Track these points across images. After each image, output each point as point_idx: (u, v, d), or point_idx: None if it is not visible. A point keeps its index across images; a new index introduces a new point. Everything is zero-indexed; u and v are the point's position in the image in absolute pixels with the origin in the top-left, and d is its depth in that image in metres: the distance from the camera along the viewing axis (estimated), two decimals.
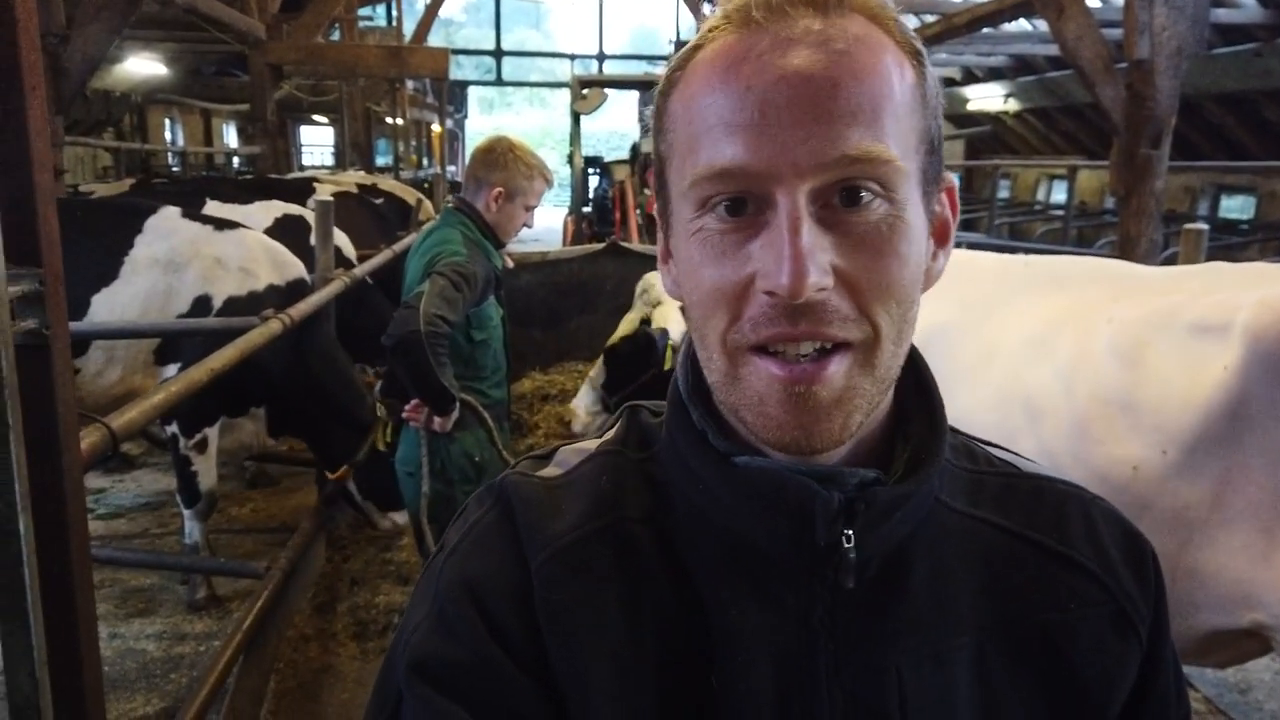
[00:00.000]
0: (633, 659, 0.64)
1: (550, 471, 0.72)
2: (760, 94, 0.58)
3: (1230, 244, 9.85)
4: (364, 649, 3.65)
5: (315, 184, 6.47)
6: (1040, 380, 2.17)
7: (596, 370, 3.19)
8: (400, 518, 4.07)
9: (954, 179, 0.69)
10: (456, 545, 0.69)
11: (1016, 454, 0.76)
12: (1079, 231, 11.82)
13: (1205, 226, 3.45)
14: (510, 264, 3.03)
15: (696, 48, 0.64)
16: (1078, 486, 0.73)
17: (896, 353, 0.62)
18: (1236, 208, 12.45)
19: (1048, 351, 2.20)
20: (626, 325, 3.12)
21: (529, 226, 2.98)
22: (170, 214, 3.93)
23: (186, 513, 3.87)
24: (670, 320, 2.95)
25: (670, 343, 2.95)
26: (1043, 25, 10.02)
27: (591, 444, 0.75)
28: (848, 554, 0.62)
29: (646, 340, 2.96)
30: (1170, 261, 7.66)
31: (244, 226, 4.05)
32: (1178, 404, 1.97)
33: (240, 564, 3.74)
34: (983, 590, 0.67)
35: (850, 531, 0.62)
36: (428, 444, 2.74)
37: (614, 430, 0.76)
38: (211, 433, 3.80)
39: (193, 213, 4.07)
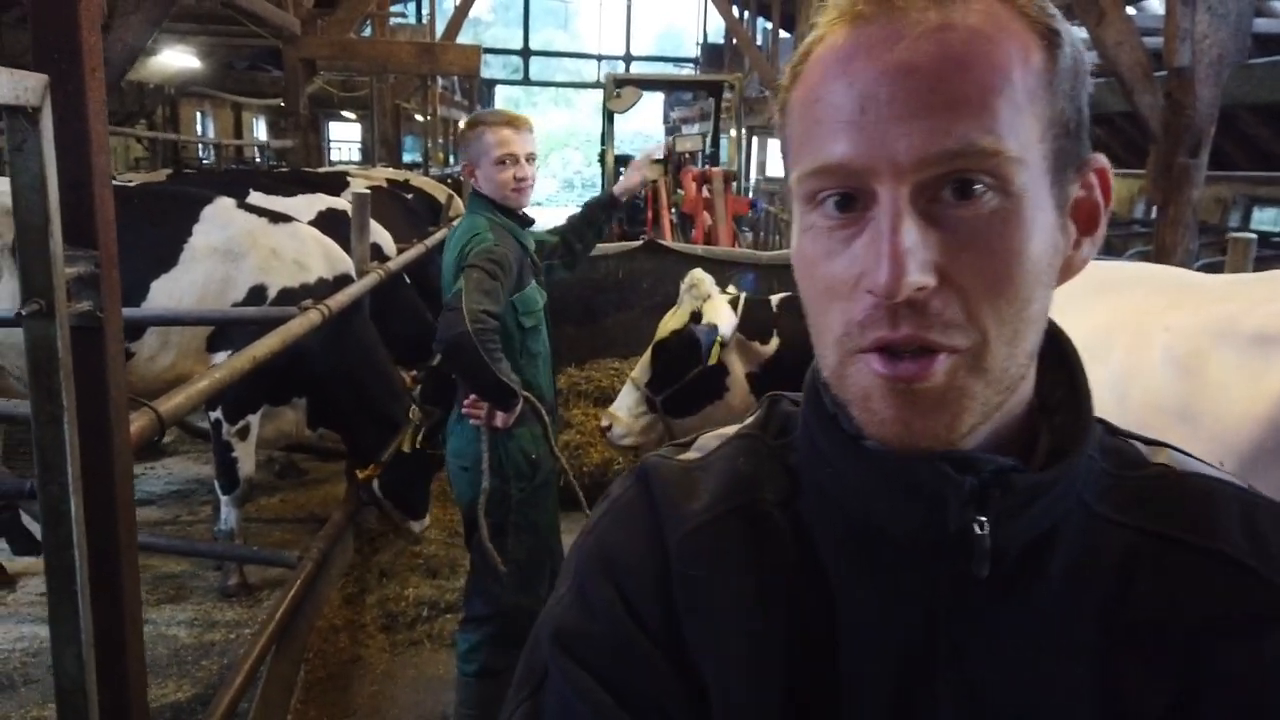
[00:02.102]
0: (764, 638, 0.64)
1: (689, 455, 0.74)
2: (862, 88, 0.58)
3: (1262, 256, 9.70)
4: (393, 641, 3.66)
5: (349, 178, 6.51)
6: (1094, 387, 2.14)
7: (640, 370, 3.15)
8: (416, 526, 4.06)
9: (1104, 159, 0.65)
10: (596, 524, 0.72)
11: (1175, 448, 0.71)
12: (1108, 240, 11.71)
13: (1253, 236, 3.40)
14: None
15: (815, 42, 0.63)
16: (1232, 481, 0.68)
17: (1012, 354, 0.59)
18: (1269, 220, 12.27)
19: (1101, 358, 2.16)
20: (675, 320, 3.07)
21: (523, 179, 2.74)
22: (227, 204, 4.00)
23: (224, 499, 3.91)
24: (720, 315, 2.91)
25: (719, 338, 2.90)
26: (1077, 31, 9.90)
27: (730, 429, 0.76)
28: (981, 541, 0.60)
29: (690, 338, 2.92)
30: (1205, 271, 7.55)
31: (296, 220, 4.11)
32: (1237, 415, 1.93)
33: (274, 553, 3.75)
34: (1120, 594, 0.64)
35: (984, 518, 0.60)
36: (488, 439, 2.71)
37: (754, 416, 0.76)
38: (254, 420, 3.84)
39: (247, 204, 4.14)
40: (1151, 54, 5.83)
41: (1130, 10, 6.21)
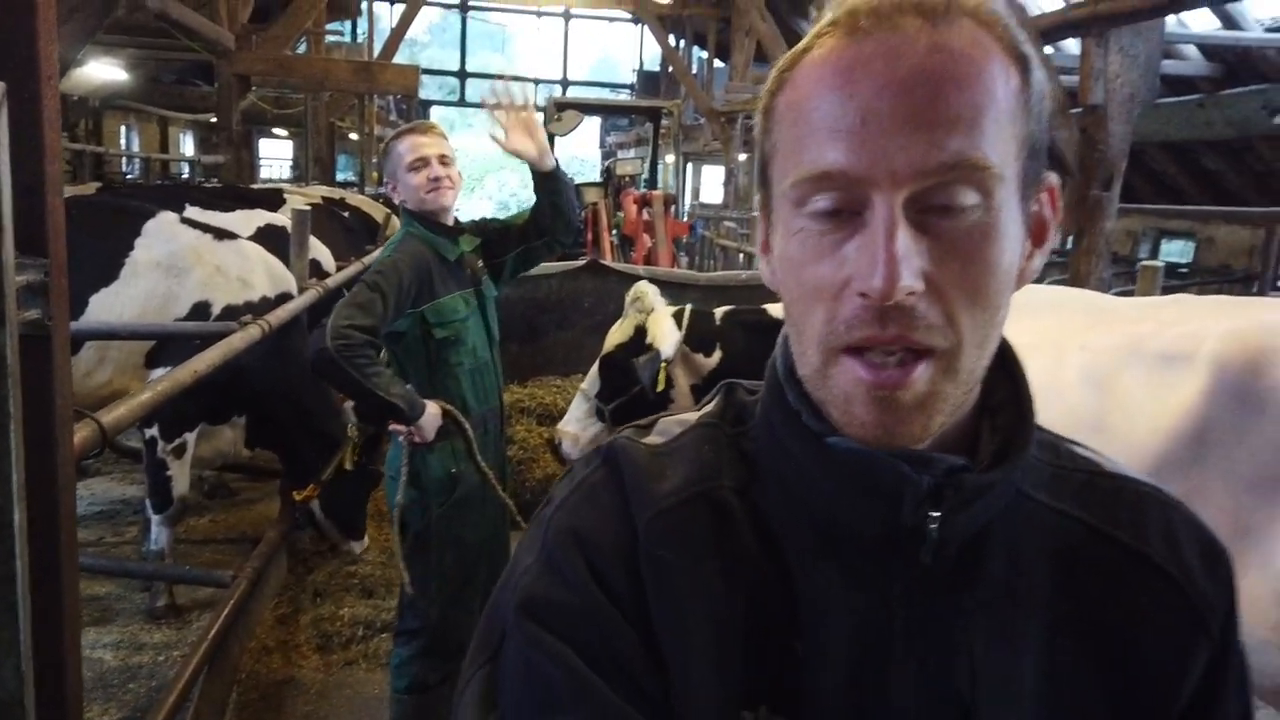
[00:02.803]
0: (726, 621, 0.67)
1: (654, 439, 0.76)
2: (863, 101, 0.61)
3: (1170, 286, 10.20)
4: (327, 661, 3.61)
5: (285, 195, 6.44)
6: None
7: (589, 382, 3.19)
8: (356, 546, 4.06)
9: (1055, 178, 0.70)
10: (565, 499, 0.73)
11: (1099, 453, 0.78)
12: None
13: (1160, 264, 3.61)
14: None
15: (805, 50, 0.66)
16: (1158, 489, 0.74)
17: (980, 357, 0.65)
18: (1176, 251, 12.89)
19: None
20: (620, 333, 3.12)
21: (436, 178, 2.71)
22: (169, 219, 3.94)
23: (155, 518, 3.82)
24: (664, 335, 2.96)
25: (663, 362, 2.95)
26: None
27: (691, 416, 0.79)
28: (931, 535, 0.65)
29: (632, 369, 2.96)
30: None
31: (240, 236, 4.07)
32: (1145, 428, 2.06)
33: (207, 573, 3.68)
34: (1058, 581, 0.69)
35: (936, 514, 0.65)
36: (407, 453, 2.72)
37: (712, 405, 0.79)
38: (190, 438, 3.76)
39: (190, 219, 4.07)
40: (1067, 91, 6.13)
41: (1048, 49, 6.51)
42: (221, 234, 4.00)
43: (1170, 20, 8.35)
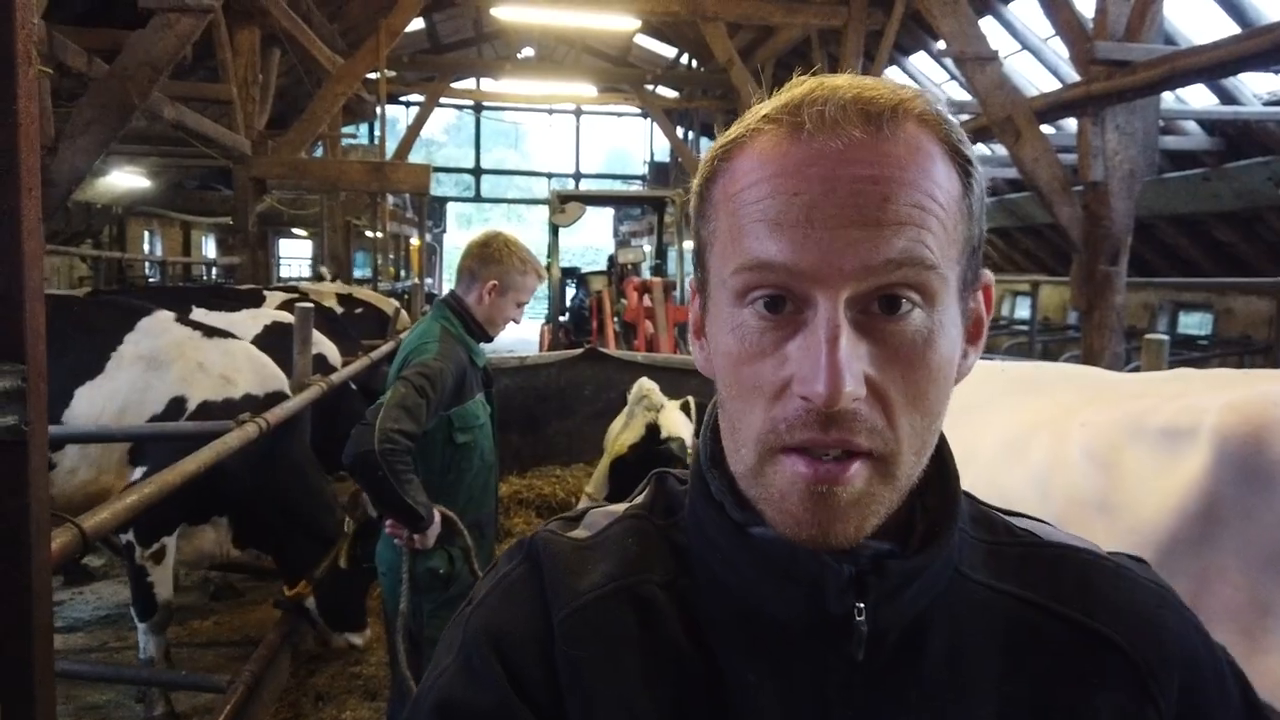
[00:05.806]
0: (649, 717, 0.64)
1: (579, 533, 0.74)
2: (810, 199, 0.60)
3: (1191, 358, 10.08)
4: None
5: (265, 293, 6.57)
6: (1015, 483, 2.20)
7: (597, 485, 3.15)
8: (356, 639, 3.94)
9: (991, 276, 0.70)
10: (484, 597, 0.72)
11: (1038, 520, 0.75)
12: (1044, 346, 12.06)
13: (1165, 337, 3.55)
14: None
15: (739, 139, 0.65)
16: (1101, 554, 0.72)
17: (917, 463, 0.63)
18: (1195, 324, 12.82)
19: (1023, 454, 2.23)
20: (630, 433, 3.09)
21: (516, 322, 2.91)
22: (164, 316, 3.99)
23: (141, 626, 3.72)
24: (678, 426, 2.98)
25: (689, 450, 2.97)
26: (1001, 150, 10.50)
27: (620, 507, 0.77)
28: (860, 626, 0.63)
29: (667, 456, 2.96)
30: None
31: (234, 336, 4.11)
32: (1152, 506, 1.99)
33: (202, 677, 3.60)
34: (1004, 663, 0.67)
35: (862, 604, 0.63)
36: (406, 555, 2.67)
37: (643, 495, 0.78)
38: (170, 542, 3.68)
39: (185, 318, 4.13)
40: (1069, 169, 6.18)
41: (1047, 129, 6.59)
42: (213, 332, 4.02)
43: (1168, 97, 8.46)
